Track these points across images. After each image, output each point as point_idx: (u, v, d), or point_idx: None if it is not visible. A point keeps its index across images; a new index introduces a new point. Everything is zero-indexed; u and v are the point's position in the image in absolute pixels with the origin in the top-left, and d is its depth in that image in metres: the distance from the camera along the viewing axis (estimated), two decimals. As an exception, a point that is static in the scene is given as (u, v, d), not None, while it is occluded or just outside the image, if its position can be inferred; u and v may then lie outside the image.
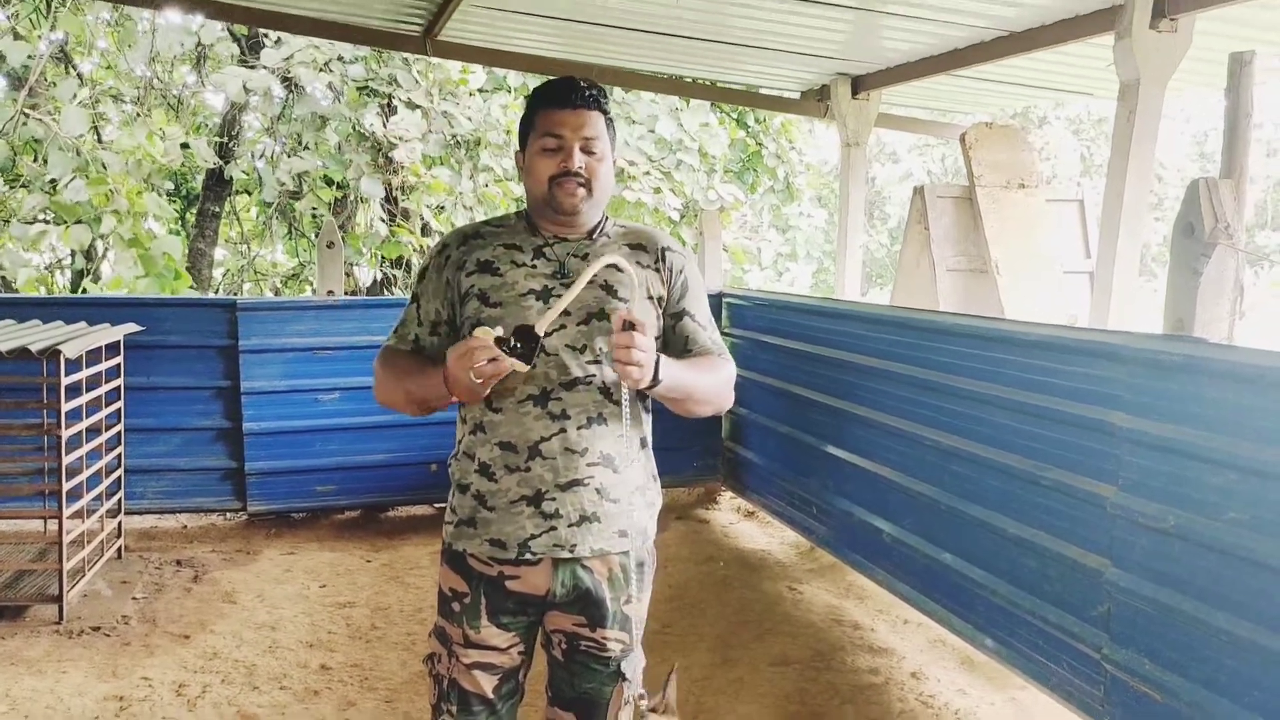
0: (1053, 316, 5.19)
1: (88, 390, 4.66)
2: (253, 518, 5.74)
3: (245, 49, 8.34)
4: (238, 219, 10.11)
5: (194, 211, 9.48)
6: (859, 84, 6.25)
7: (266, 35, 7.95)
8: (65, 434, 4.31)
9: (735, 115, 9.59)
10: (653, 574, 2.21)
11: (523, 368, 1.90)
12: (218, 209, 9.10)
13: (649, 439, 2.21)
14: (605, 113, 2.11)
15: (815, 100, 6.70)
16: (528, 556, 2.04)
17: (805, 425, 5.12)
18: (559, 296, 2.03)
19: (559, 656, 2.15)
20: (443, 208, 7.98)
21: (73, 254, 8.11)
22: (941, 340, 4.00)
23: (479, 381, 1.88)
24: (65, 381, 4.27)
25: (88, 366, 4.61)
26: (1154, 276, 16.67)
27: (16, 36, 7.38)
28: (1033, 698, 3.59)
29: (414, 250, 8.28)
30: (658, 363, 1.97)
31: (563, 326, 2.04)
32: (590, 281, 2.04)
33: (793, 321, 5.30)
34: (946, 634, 4.03)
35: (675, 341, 2.18)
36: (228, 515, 5.82)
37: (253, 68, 7.76)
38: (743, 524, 5.91)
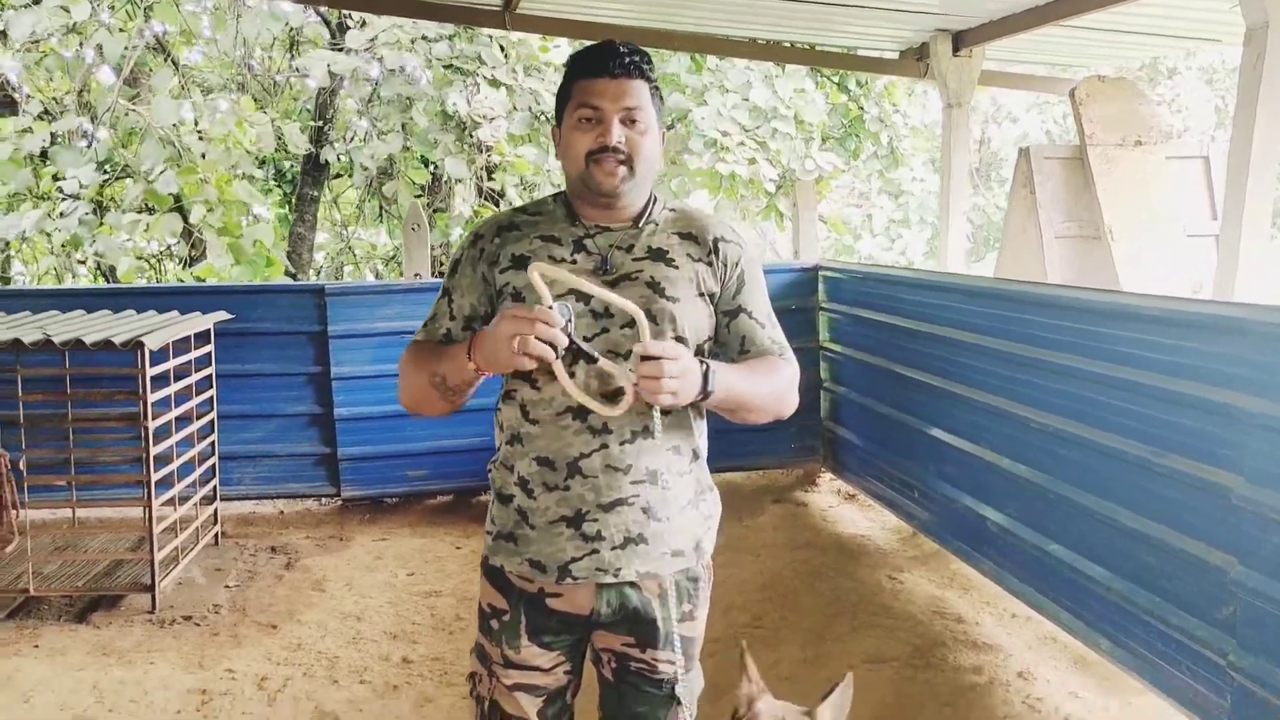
0: (1173, 285, 4.79)
1: (177, 379, 4.70)
2: (347, 503, 5.75)
3: (334, 31, 8.35)
4: (336, 203, 10.19)
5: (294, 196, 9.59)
6: (960, 40, 5.86)
7: (349, 17, 7.93)
8: (152, 424, 4.33)
9: (836, 79, 9.23)
10: (709, 589, 2.02)
11: (572, 389, 1.76)
12: (316, 193, 9.18)
13: (703, 449, 2.00)
14: (650, 80, 1.90)
15: (915, 60, 6.33)
16: (568, 580, 1.88)
17: (906, 405, 4.86)
18: None
19: (608, 676, 1.98)
20: (534, 185, 7.86)
21: (179, 242, 8.27)
22: (1046, 314, 3.71)
23: (518, 355, 1.69)
24: (150, 372, 4.28)
25: (176, 356, 4.64)
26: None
27: (114, 30, 7.53)
28: (1152, 704, 3.29)
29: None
30: (707, 373, 1.77)
31: (605, 330, 1.85)
32: (634, 278, 1.87)
33: (891, 295, 5.03)
34: (1058, 630, 3.75)
35: (730, 341, 1.97)
36: (323, 501, 5.84)
37: (339, 49, 7.76)
38: (842, 507, 5.67)
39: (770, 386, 1.94)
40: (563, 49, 7.88)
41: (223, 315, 5.17)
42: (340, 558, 5.03)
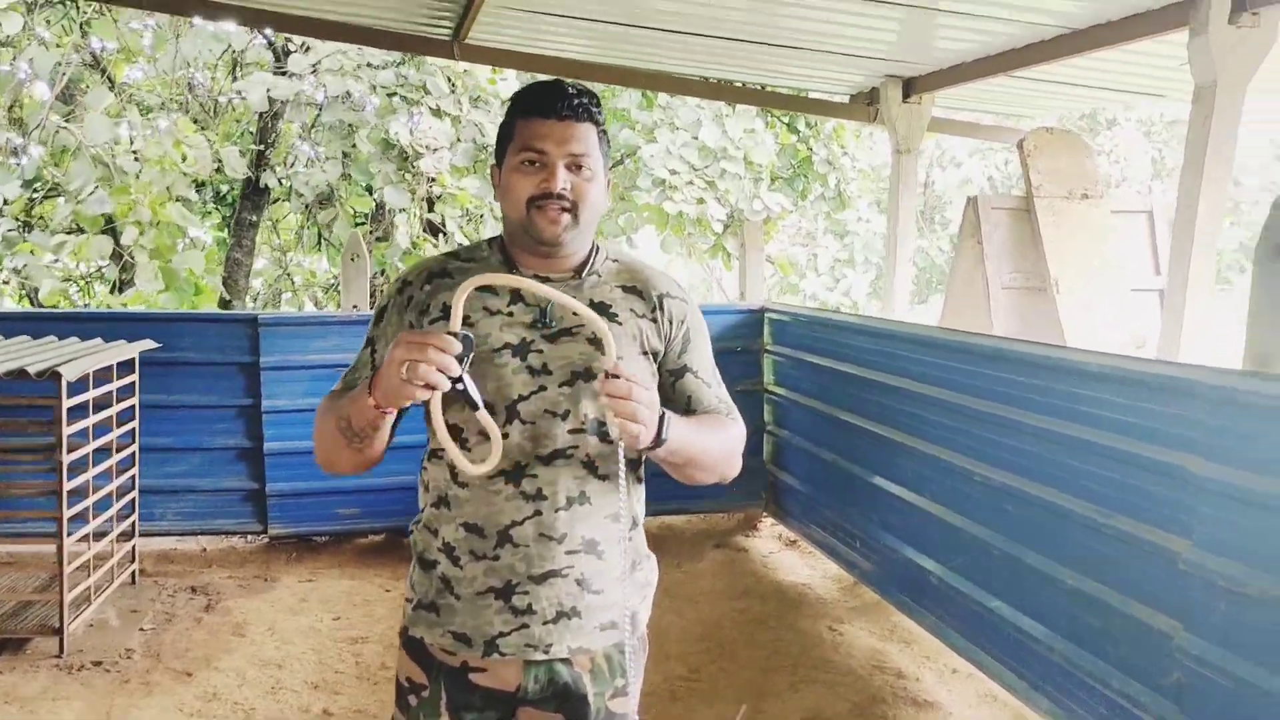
0: (1118, 339, 4.79)
1: (98, 410, 4.50)
2: (274, 541, 5.55)
3: (278, 54, 8.17)
4: (275, 229, 9.96)
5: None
6: (910, 86, 5.88)
7: (291, 40, 7.77)
8: (67, 458, 4.12)
9: (786, 120, 9.24)
10: (645, 660, 1.91)
11: (442, 431, 1.59)
12: (255, 218, 8.95)
13: (641, 515, 1.88)
14: (598, 124, 1.79)
15: (865, 104, 6.34)
16: (495, 656, 1.75)
17: (850, 452, 4.79)
18: (540, 351, 1.74)
19: None
20: (478, 218, 7.72)
21: (109, 265, 8.00)
22: (995, 367, 3.66)
23: (405, 381, 1.51)
24: (68, 403, 4.09)
25: (97, 386, 4.45)
26: (1228, 284, 15.94)
27: (50, 45, 7.29)
28: (1094, 769, 3.21)
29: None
30: (663, 418, 1.66)
31: (541, 389, 1.73)
32: (574, 333, 1.74)
33: (836, 340, 4.97)
34: (998, 688, 3.68)
35: (676, 400, 1.86)
36: (248, 538, 5.63)
37: (283, 74, 7.58)
38: (783, 554, 5.58)
39: (720, 444, 1.85)
40: (510, 82, 7.78)
41: (149, 344, 4.97)
42: (263, 599, 4.83)
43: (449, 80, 7.44)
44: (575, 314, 1.69)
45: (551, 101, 1.75)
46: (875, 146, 11.57)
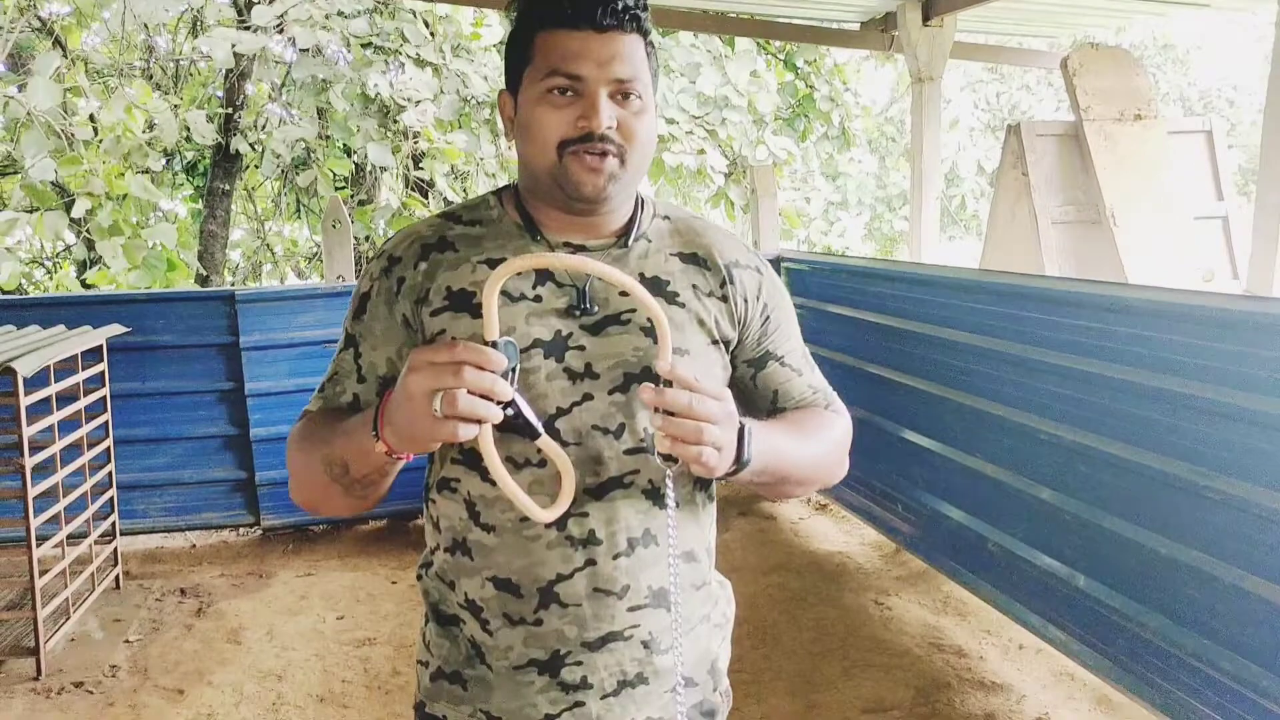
0: (1185, 273, 4.40)
1: (63, 404, 4.10)
2: (267, 533, 5.17)
3: (241, 9, 7.62)
4: (251, 197, 9.45)
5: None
6: (930, 7, 5.40)
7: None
8: (30, 460, 3.72)
9: (783, 56, 8.73)
10: (728, 714, 1.52)
11: (505, 479, 1.16)
12: (228, 187, 8.44)
13: (714, 543, 1.47)
14: (646, 34, 1.32)
15: (878, 31, 5.87)
16: None
17: (884, 409, 4.42)
18: (581, 348, 1.30)
19: None
20: (465, 175, 7.24)
21: (77, 243, 7.52)
22: (1057, 312, 3.27)
23: (443, 420, 1.09)
24: (26, 400, 3.68)
25: (60, 378, 4.05)
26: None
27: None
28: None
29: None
30: (743, 434, 1.23)
31: (587, 398, 1.29)
32: (624, 320, 1.31)
33: (862, 289, 4.58)
34: (1075, 665, 3.33)
35: (758, 398, 1.46)
36: (240, 531, 5.25)
37: (247, 28, 7.05)
38: (814, 520, 5.22)
39: (820, 450, 1.42)
40: (494, 28, 7.26)
41: (117, 329, 4.55)
42: (259, 599, 4.46)
43: (426, 26, 6.92)
44: (625, 294, 1.24)
45: (587, 4, 1.26)
46: (871, 82, 11.09)
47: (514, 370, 1.13)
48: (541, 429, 1.19)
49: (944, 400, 3.92)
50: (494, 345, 1.11)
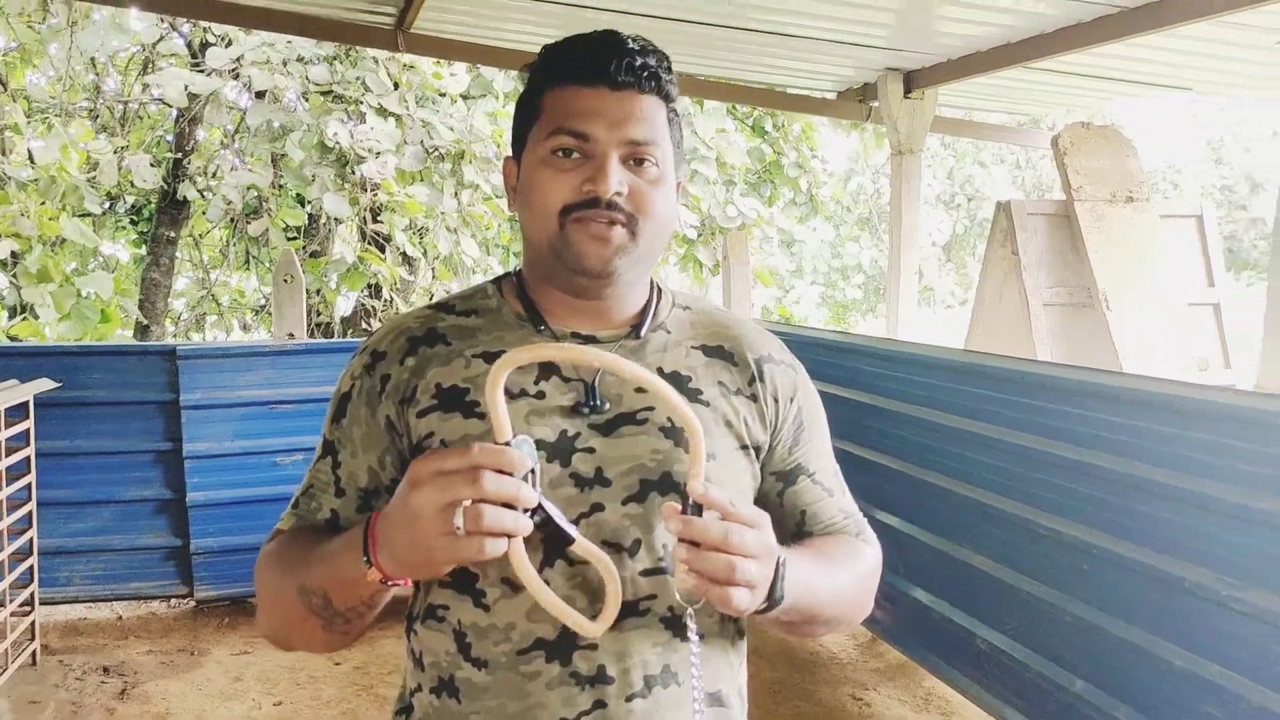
0: (1180, 361, 4.28)
1: (-18, 466, 3.78)
2: (201, 605, 4.83)
3: (195, 52, 7.37)
4: (198, 244, 9.12)
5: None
6: (912, 80, 5.32)
7: (211, 30, 6.98)
8: (-58, 530, 3.40)
9: (751, 120, 8.66)
10: None
11: (547, 596, 1.01)
12: (173, 234, 8.13)
13: (744, 682, 1.26)
14: (669, 100, 1.18)
15: (856, 101, 5.78)
16: None
17: (858, 490, 4.21)
18: (590, 450, 1.12)
19: None
20: (424, 230, 7.00)
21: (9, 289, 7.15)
22: (1055, 399, 3.11)
23: (467, 538, 0.92)
24: (-59, 464, 3.37)
25: (-20, 438, 3.74)
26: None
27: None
28: None
29: (387, 283, 7.18)
30: (777, 568, 1.05)
31: (597, 508, 1.11)
32: (640, 420, 1.14)
33: (841, 364, 4.41)
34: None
35: (784, 518, 1.27)
36: (171, 603, 4.90)
37: (200, 70, 6.78)
38: (783, 602, 4.99)
39: (851, 583, 1.24)
40: (460, 76, 7.08)
41: (46, 384, 4.24)
42: (189, 681, 4.12)
43: (389, 75, 6.71)
44: (641, 390, 1.11)
45: (602, 59, 1.13)
46: (834, 151, 11.11)
47: (534, 471, 0.97)
48: (576, 532, 1.03)
49: (924, 485, 3.75)
50: (509, 444, 0.96)
